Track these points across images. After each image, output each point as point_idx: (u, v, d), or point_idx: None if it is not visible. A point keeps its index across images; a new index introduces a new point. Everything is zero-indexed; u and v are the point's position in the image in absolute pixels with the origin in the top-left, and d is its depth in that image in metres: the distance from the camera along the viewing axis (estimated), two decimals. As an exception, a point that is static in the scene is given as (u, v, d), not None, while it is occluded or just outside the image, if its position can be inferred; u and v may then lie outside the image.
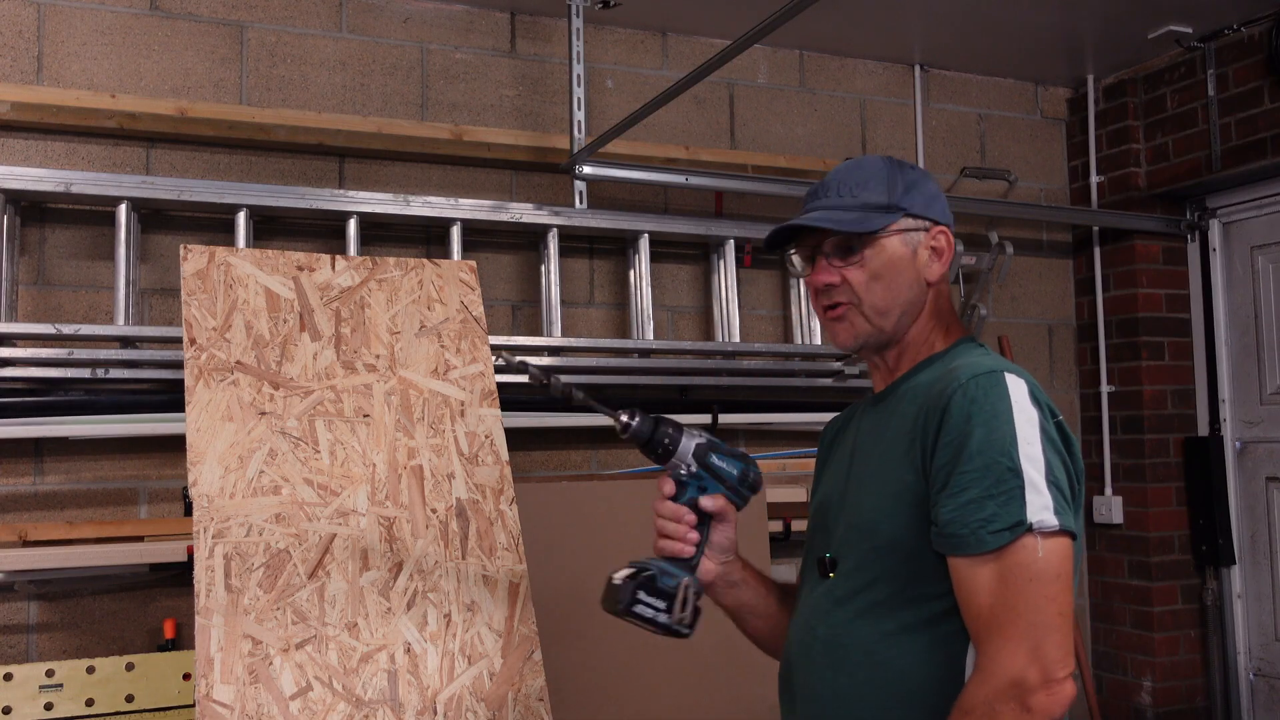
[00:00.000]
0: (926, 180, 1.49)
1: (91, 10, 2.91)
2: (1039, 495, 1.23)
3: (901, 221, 1.45)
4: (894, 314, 1.44)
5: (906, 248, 1.45)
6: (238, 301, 2.01)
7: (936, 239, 1.46)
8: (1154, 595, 3.77)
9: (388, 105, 3.19)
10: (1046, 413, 1.29)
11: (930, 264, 1.46)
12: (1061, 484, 1.25)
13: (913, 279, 1.45)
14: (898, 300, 1.44)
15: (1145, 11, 3.45)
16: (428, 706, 1.77)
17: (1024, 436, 1.25)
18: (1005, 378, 1.29)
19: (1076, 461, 1.31)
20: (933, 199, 1.48)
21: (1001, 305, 3.94)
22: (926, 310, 1.47)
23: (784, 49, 3.70)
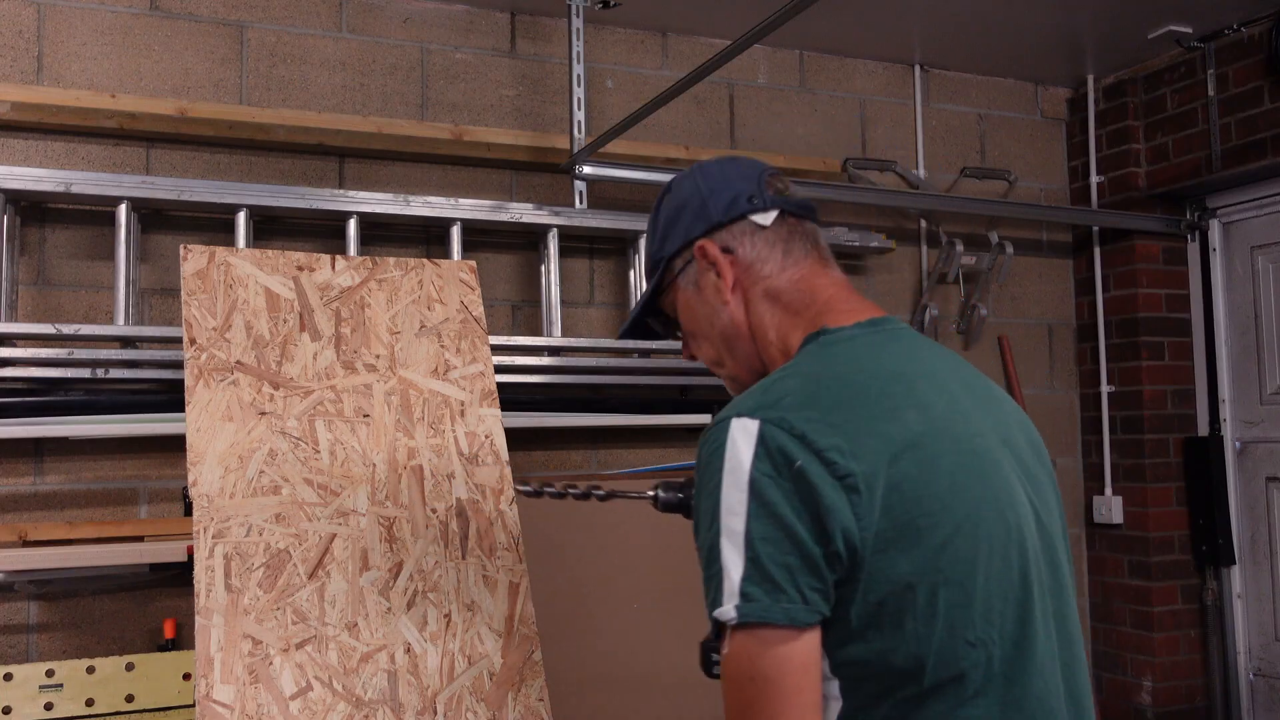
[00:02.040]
0: (684, 193, 1.30)
1: (91, 10, 2.91)
2: (729, 581, 1.01)
3: (669, 270, 1.30)
4: (726, 357, 1.28)
5: (688, 289, 1.29)
6: (238, 301, 2.01)
7: (701, 258, 1.26)
8: (1154, 595, 3.77)
9: (388, 105, 3.19)
10: (776, 462, 1.02)
11: (718, 287, 1.25)
12: (765, 559, 1.00)
13: (711, 312, 1.27)
14: (715, 343, 1.28)
15: (1145, 11, 3.45)
16: (428, 706, 1.77)
17: (728, 505, 1.02)
18: (729, 427, 1.05)
19: (844, 509, 1.00)
20: (689, 217, 1.28)
21: (1001, 305, 3.94)
22: (754, 326, 1.25)
23: (784, 49, 3.70)
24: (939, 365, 1.17)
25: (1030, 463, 1.18)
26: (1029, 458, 1.18)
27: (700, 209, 1.26)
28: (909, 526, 1.02)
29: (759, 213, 1.24)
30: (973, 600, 1.04)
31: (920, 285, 3.83)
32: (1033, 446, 1.21)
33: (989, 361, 3.92)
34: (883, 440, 1.03)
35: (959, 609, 1.03)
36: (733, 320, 1.25)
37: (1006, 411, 1.21)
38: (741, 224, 1.24)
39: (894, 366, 1.12)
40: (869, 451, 1.02)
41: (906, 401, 1.08)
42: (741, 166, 1.29)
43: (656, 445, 3.39)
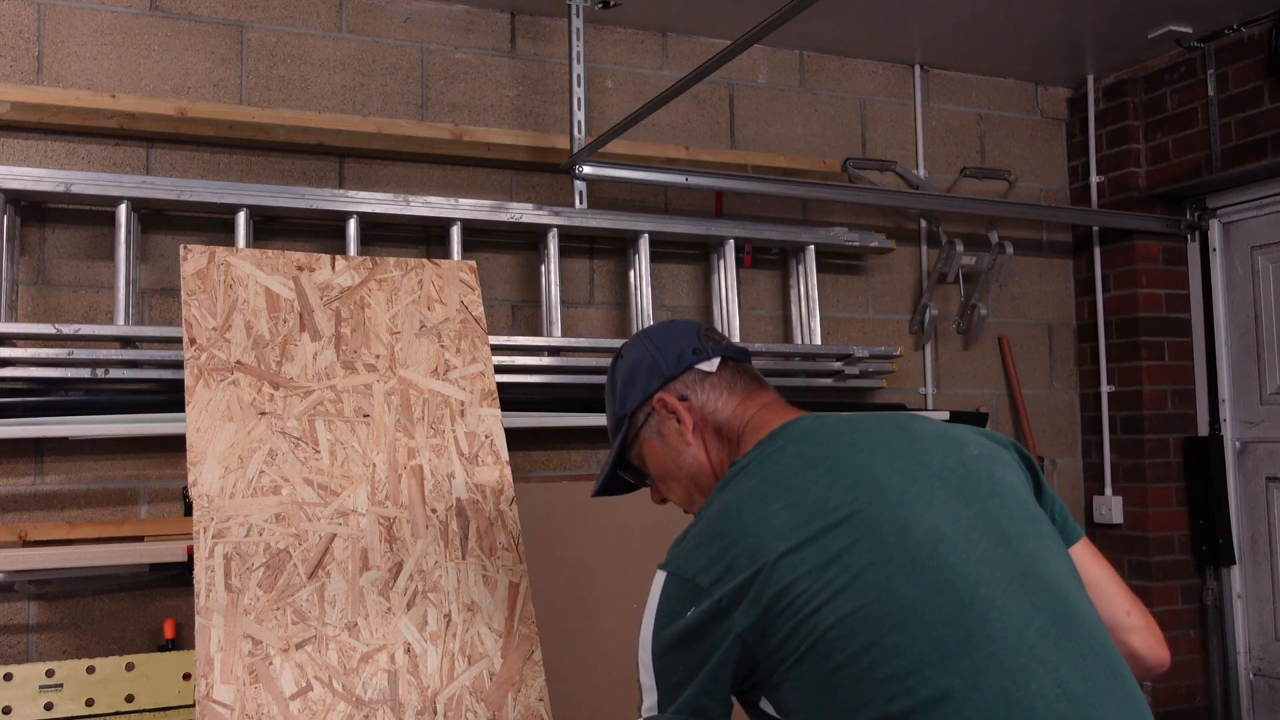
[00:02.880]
0: (634, 356, 1.46)
1: (91, 10, 2.91)
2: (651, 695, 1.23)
3: (631, 425, 1.45)
4: (696, 496, 1.42)
5: (653, 439, 1.44)
6: (238, 301, 2.01)
7: (661, 408, 1.42)
8: (1154, 595, 3.77)
9: (388, 105, 3.19)
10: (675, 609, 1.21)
11: (680, 431, 1.41)
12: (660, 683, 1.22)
13: (677, 457, 1.42)
14: (685, 484, 1.42)
15: (1145, 11, 3.45)
16: (428, 706, 1.77)
17: (645, 641, 1.24)
18: (657, 577, 1.26)
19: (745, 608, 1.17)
20: (635, 376, 1.45)
21: (1001, 305, 3.94)
22: (713, 461, 1.41)
23: (784, 49, 3.70)
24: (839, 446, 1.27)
25: (975, 480, 1.25)
26: (966, 478, 1.25)
27: (652, 366, 1.42)
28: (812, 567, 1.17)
29: (704, 361, 1.41)
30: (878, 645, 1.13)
31: (920, 285, 3.83)
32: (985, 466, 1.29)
33: (989, 361, 3.93)
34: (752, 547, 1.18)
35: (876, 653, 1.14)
36: (696, 460, 1.40)
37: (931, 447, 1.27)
38: (690, 374, 1.41)
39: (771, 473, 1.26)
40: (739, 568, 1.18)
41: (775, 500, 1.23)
42: (680, 326, 1.47)
43: (656, 445, 3.39)
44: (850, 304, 3.73)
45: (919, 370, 3.81)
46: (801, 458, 1.25)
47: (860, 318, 3.74)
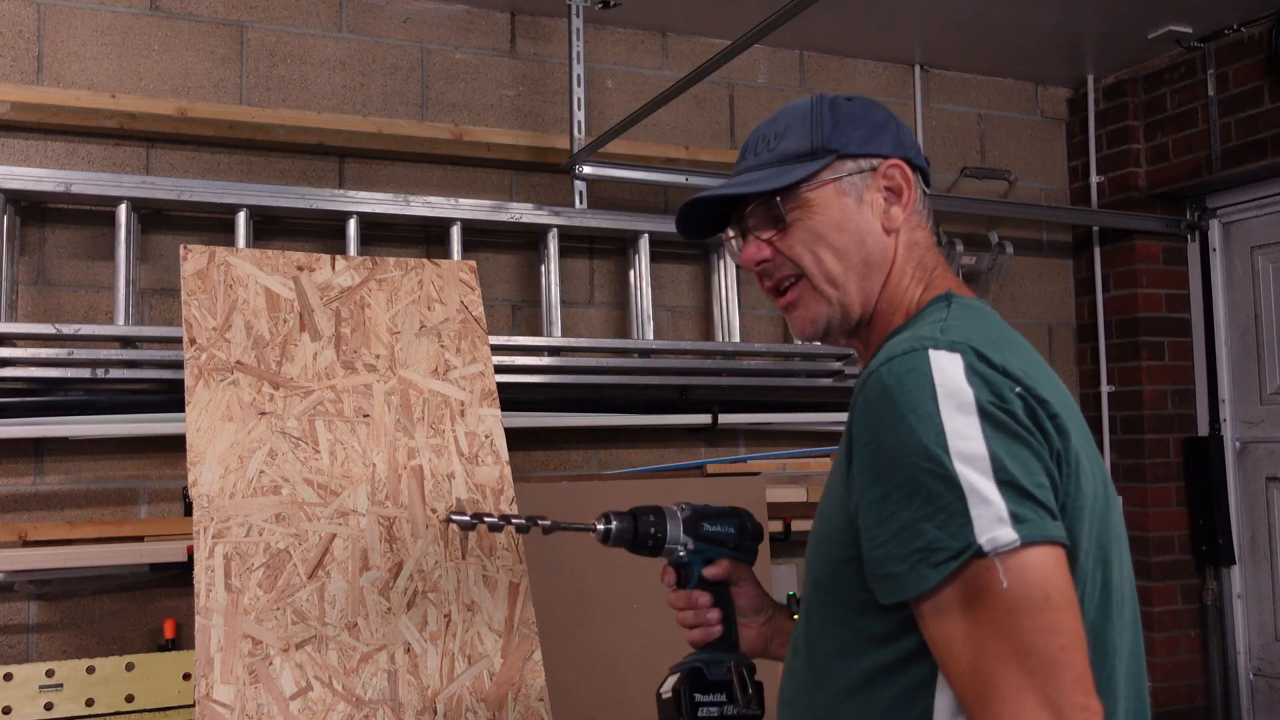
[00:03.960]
0: (870, 110, 1.22)
1: (91, 10, 2.91)
2: (986, 506, 0.94)
3: (834, 166, 1.18)
4: (850, 282, 1.18)
5: (848, 196, 1.18)
6: (238, 301, 2.01)
7: (890, 176, 1.19)
8: (1154, 595, 3.77)
9: (388, 105, 3.19)
10: (997, 388, 0.98)
11: (888, 209, 1.19)
12: (1021, 479, 0.95)
13: (864, 233, 1.18)
14: (850, 263, 1.18)
15: (1145, 11, 3.45)
16: (428, 706, 1.77)
17: (955, 430, 0.96)
18: (929, 355, 0.99)
19: (1056, 438, 1.00)
20: (877, 129, 1.20)
21: (1001, 305, 3.94)
22: (896, 267, 1.19)
23: (784, 49, 3.70)
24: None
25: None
26: None
27: (897, 134, 1.21)
28: (1079, 497, 1.02)
29: (922, 175, 1.23)
30: (1110, 590, 1.06)
31: (920, 285, 3.83)
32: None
33: (989, 361, 3.92)
34: (1051, 394, 1.03)
35: (1106, 592, 1.06)
36: (883, 250, 1.18)
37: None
38: (916, 174, 1.21)
39: (1038, 360, 1.12)
40: (1052, 398, 1.02)
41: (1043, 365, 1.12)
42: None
43: (656, 445, 3.39)
44: (850, 304, 3.73)
45: (919, 370, 3.80)
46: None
47: (860, 318, 3.74)
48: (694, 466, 3.36)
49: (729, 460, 3.39)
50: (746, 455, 3.45)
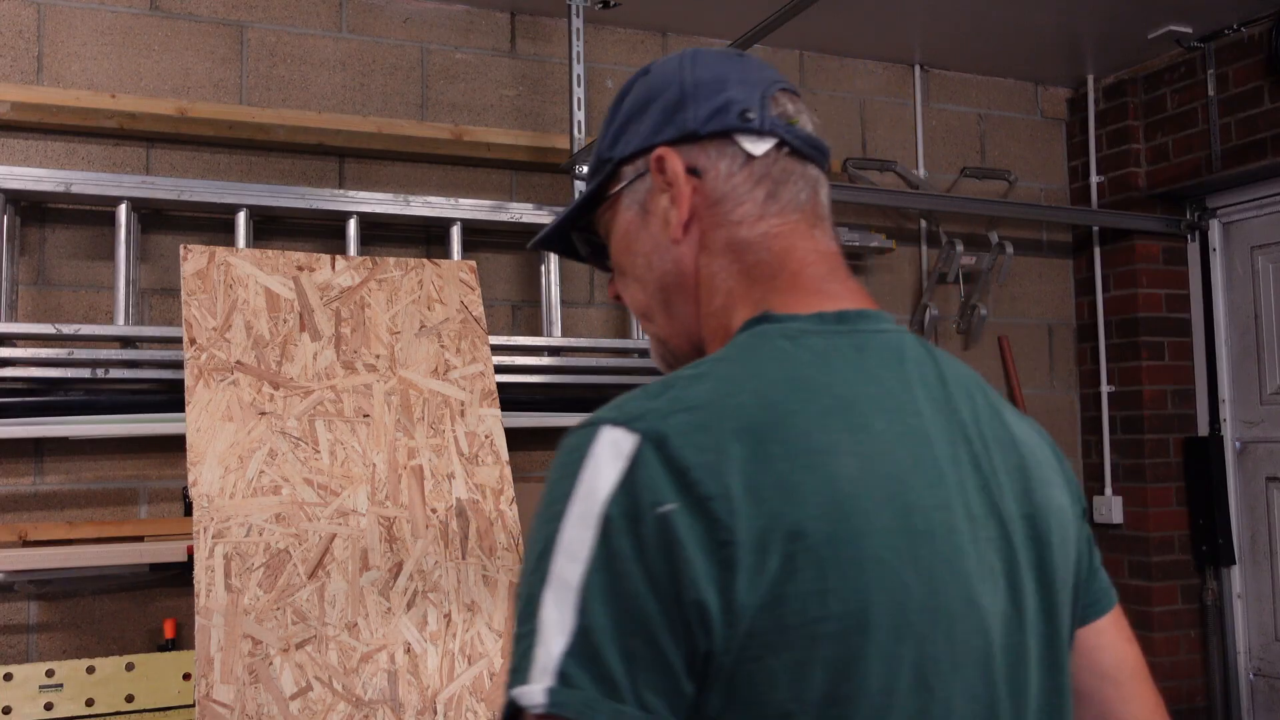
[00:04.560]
0: (661, 81, 0.93)
1: (91, 10, 2.91)
2: (544, 650, 0.69)
3: (617, 176, 0.94)
4: (658, 315, 0.94)
5: (631, 210, 0.93)
6: (238, 301, 2.01)
7: (656, 171, 0.90)
8: (1154, 595, 3.77)
9: (388, 105, 3.19)
10: (637, 502, 0.70)
11: (668, 216, 0.90)
12: (605, 632, 0.68)
13: (650, 251, 0.92)
14: (650, 293, 0.93)
15: (1145, 11, 3.45)
16: (428, 706, 1.77)
17: (566, 545, 0.71)
18: (598, 436, 0.73)
19: (697, 592, 0.69)
20: (668, 111, 0.91)
21: (1001, 305, 3.94)
22: (702, 284, 0.90)
23: (784, 49, 3.70)
24: (920, 391, 0.84)
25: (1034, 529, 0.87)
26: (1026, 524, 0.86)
27: (674, 107, 0.90)
28: (801, 631, 0.71)
29: (750, 135, 0.88)
30: None
31: (920, 285, 3.83)
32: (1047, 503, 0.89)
33: (989, 362, 3.92)
34: (791, 499, 0.72)
35: None
36: (678, 266, 0.90)
37: (1016, 453, 0.89)
38: (723, 143, 0.89)
39: (844, 390, 0.80)
40: (769, 511, 0.71)
41: (843, 445, 0.76)
42: (748, 68, 0.92)
43: (656, 445, 3.39)
44: (850, 304, 3.73)
45: (919, 370, 3.81)
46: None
47: (860, 318, 3.74)
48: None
49: (729, 460, 3.38)
50: (746, 455, 3.45)
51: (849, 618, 0.71)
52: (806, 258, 0.88)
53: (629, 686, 0.68)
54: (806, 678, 0.70)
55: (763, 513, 0.71)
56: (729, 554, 0.69)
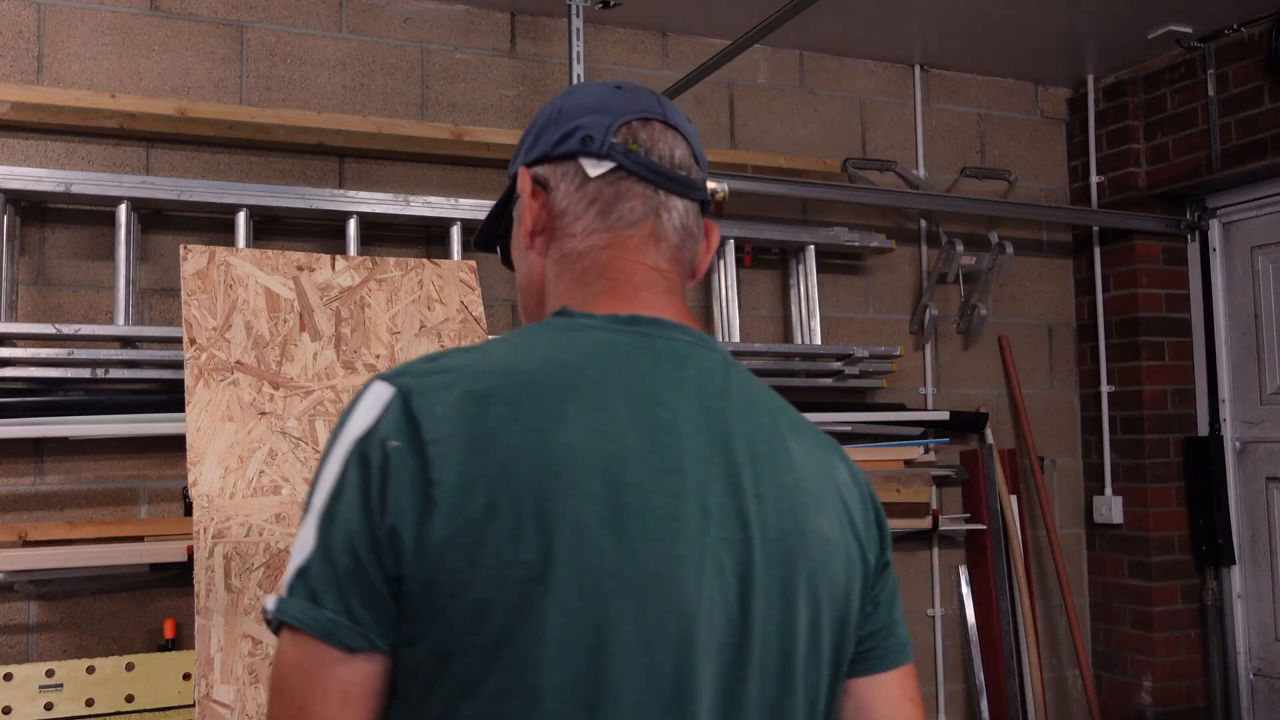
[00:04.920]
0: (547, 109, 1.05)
1: (91, 10, 2.91)
2: (289, 567, 0.84)
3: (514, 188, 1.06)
4: (524, 309, 1.07)
5: (515, 221, 1.07)
6: (238, 301, 2.01)
7: (521, 187, 1.03)
8: (1154, 595, 3.77)
9: (388, 105, 3.19)
10: (375, 433, 0.82)
11: (520, 226, 1.03)
12: (326, 552, 0.81)
13: (519, 258, 1.06)
14: (518, 289, 1.08)
15: (1145, 11, 3.45)
16: (428, 706, 1.77)
17: (322, 477, 0.84)
18: (371, 388, 0.86)
19: (400, 523, 0.79)
20: (542, 133, 1.03)
21: (1001, 305, 3.94)
22: (549, 289, 1.01)
23: (784, 49, 3.70)
24: (689, 394, 0.90)
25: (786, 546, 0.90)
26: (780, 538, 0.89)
27: (541, 132, 1.02)
28: (492, 572, 0.79)
29: (591, 159, 0.98)
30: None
31: (920, 285, 3.83)
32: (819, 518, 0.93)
33: (989, 361, 3.92)
34: (507, 454, 0.81)
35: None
36: (530, 270, 1.03)
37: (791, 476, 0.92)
38: (568, 164, 0.99)
39: (598, 375, 0.88)
40: (483, 461, 0.81)
41: (574, 418, 0.84)
42: (618, 100, 1.02)
43: (656, 445, 3.39)
44: (850, 304, 3.73)
45: (919, 370, 3.81)
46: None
47: (860, 318, 3.74)
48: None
49: (729, 460, 3.39)
50: (746, 455, 3.45)
51: (535, 568, 0.79)
52: (626, 269, 0.98)
53: (338, 597, 0.80)
54: (488, 616, 0.78)
55: (476, 462, 0.80)
56: (433, 492, 0.79)
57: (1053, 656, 3.92)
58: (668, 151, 1.00)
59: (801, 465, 0.94)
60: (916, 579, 3.75)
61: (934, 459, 3.66)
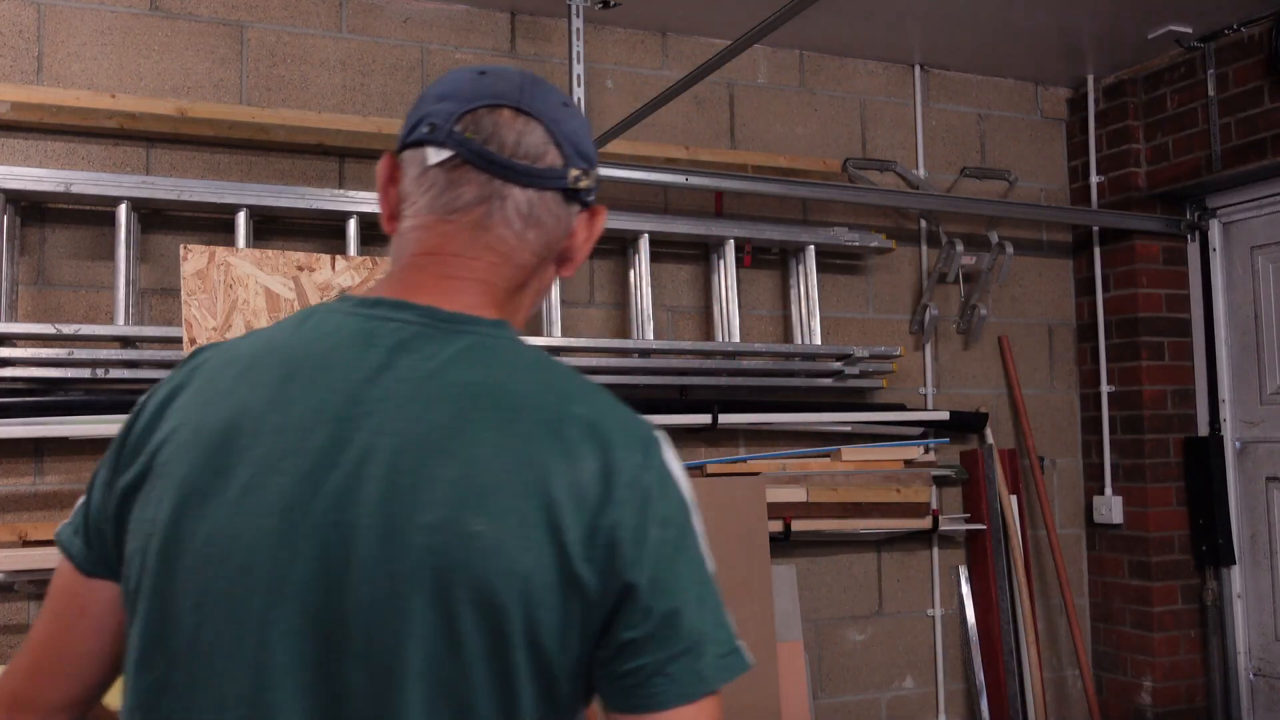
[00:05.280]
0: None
1: (91, 10, 2.91)
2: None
3: None
4: None
5: None
6: (238, 301, 2.01)
7: None
8: (1154, 595, 3.77)
9: (388, 105, 3.19)
10: (142, 400, 1.00)
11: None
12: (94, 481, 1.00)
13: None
14: None
15: (1145, 11, 3.45)
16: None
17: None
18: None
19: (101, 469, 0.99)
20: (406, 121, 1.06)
21: (1001, 305, 3.94)
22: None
23: (784, 49, 3.70)
24: (357, 375, 0.91)
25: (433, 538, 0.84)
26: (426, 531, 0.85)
27: (406, 120, 1.04)
28: (136, 527, 0.93)
29: (434, 146, 0.99)
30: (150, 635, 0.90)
31: (920, 285, 3.83)
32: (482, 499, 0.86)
33: (989, 361, 3.92)
34: (169, 423, 0.94)
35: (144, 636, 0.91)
36: (391, 253, 1.05)
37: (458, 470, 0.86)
38: (415, 151, 1.00)
39: (293, 353, 0.94)
40: (154, 428, 0.95)
41: (233, 391, 0.93)
42: (471, 86, 1.01)
43: (656, 445, 3.39)
44: (850, 304, 3.73)
45: (919, 370, 3.81)
46: None
47: (860, 318, 3.74)
48: (694, 467, 3.36)
49: (729, 460, 3.39)
50: (746, 455, 3.45)
51: (153, 524, 0.90)
52: (419, 253, 0.99)
53: (79, 523, 0.99)
54: (131, 564, 0.92)
55: (151, 429, 0.94)
56: (116, 454, 0.97)
57: (1053, 656, 3.92)
58: (512, 139, 0.98)
59: (483, 459, 0.86)
60: (916, 579, 3.75)
61: (934, 459, 3.66)
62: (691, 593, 0.89)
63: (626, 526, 0.87)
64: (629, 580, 0.86)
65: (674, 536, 0.89)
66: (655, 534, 0.88)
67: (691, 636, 0.88)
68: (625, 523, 0.87)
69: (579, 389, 0.94)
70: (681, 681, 0.87)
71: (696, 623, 0.88)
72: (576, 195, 1.03)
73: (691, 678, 0.88)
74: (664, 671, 0.87)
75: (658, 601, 0.87)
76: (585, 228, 1.07)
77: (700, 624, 0.88)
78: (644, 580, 0.86)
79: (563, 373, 0.96)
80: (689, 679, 0.88)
